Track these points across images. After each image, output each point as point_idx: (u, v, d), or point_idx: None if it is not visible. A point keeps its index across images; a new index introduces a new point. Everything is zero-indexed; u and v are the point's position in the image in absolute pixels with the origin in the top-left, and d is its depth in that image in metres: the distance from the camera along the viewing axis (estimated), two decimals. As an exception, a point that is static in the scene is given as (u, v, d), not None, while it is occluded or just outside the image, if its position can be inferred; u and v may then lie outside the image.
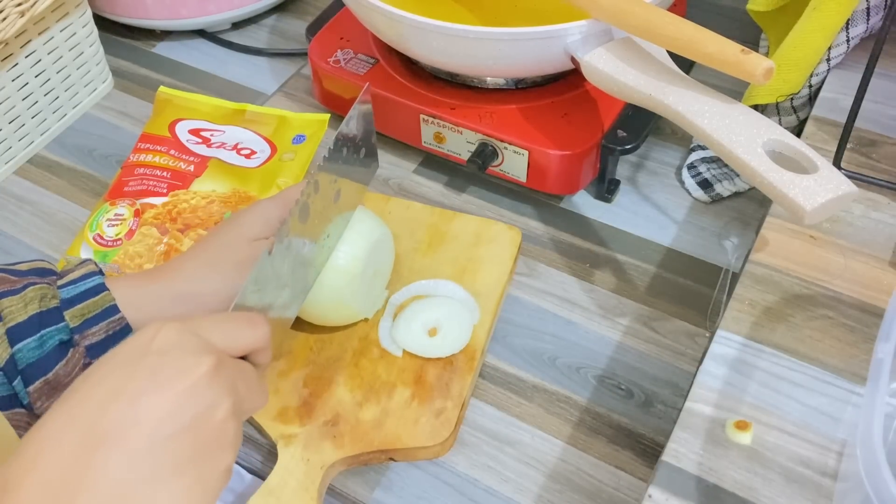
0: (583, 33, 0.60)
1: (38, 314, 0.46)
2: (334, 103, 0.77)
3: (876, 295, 0.52)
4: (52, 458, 0.34)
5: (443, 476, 0.56)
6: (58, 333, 0.46)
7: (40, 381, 0.45)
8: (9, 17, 0.68)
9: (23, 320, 0.45)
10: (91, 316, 0.47)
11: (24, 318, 0.45)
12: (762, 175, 0.49)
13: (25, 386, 0.45)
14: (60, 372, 0.46)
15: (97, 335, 0.47)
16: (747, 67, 0.50)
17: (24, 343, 0.45)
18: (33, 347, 0.45)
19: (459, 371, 0.56)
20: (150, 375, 0.36)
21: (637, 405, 0.59)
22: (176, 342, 0.38)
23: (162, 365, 0.37)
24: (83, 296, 0.48)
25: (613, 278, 0.66)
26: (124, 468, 0.34)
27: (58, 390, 0.45)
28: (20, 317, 0.45)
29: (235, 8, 0.88)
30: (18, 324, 0.45)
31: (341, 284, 0.55)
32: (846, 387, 0.48)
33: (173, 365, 0.37)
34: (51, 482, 0.33)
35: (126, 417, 0.35)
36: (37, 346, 0.45)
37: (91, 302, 0.48)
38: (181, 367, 0.37)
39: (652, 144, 0.76)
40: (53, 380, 0.45)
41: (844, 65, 0.66)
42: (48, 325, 0.46)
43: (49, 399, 0.45)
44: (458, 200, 0.73)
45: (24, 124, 0.78)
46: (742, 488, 0.45)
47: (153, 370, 0.36)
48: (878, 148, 0.61)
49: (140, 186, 0.70)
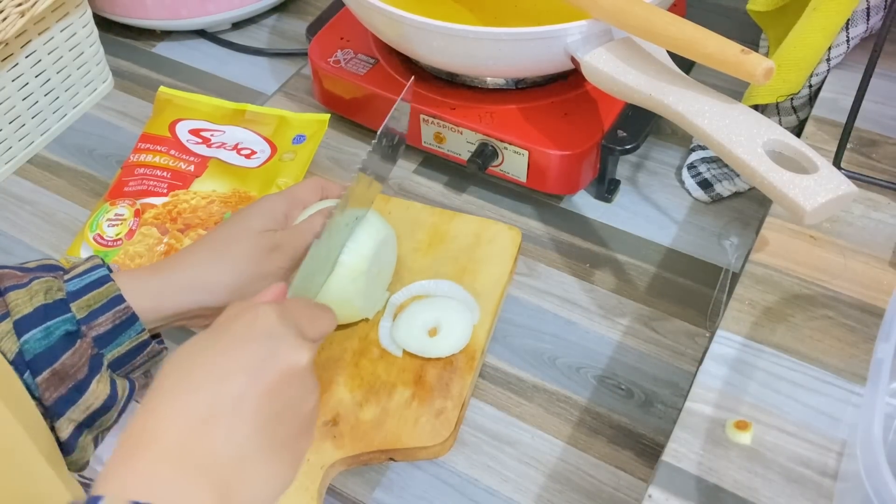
0: (583, 33, 0.60)
1: (43, 306, 0.46)
2: (334, 103, 0.77)
3: (876, 295, 0.52)
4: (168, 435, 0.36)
5: (443, 476, 0.56)
6: (64, 324, 0.46)
7: (48, 371, 0.45)
8: (9, 17, 0.68)
9: (29, 312, 0.46)
10: (97, 307, 0.48)
11: (30, 310, 0.46)
12: (762, 175, 0.49)
13: (34, 377, 0.45)
14: (67, 362, 0.46)
15: (104, 325, 0.48)
16: (747, 67, 0.50)
17: (31, 334, 0.45)
18: (39, 338, 0.45)
19: (459, 371, 0.56)
20: (262, 359, 0.39)
21: (637, 405, 0.59)
22: (278, 328, 0.40)
23: (270, 350, 0.39)
24: (88, 287, 0.48)
25: (613, 278, 0.66)
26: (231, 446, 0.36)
27: (65, 381, 0.45)
28: (26, 309, 0.46)
29: (235, 8, 0.88)
30: (24, 316, 0.46)
31: (346, 282, 0.55)
32: (846, 387, 0.48)
33: (280, 352, 0.39)
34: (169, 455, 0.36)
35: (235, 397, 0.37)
36: (43, 336, 0.46)
37: (96, 293, 0.48)
38: (288, 355, 0.40)
39: (652, 144, 0.76)
40: (60, 370, 0.45)
41: (844, 65, 0.66)
42: (54, 316, 0.46)
43: (57, 390, 0.45)
44: (458, 200, 0.73)
45: (24, 124, 0.78)
46: (742, 488, 0.45)
47: (262, 355, 0.39)
48: (878, 148, 0.61)
49: (140, 186, 0.70)
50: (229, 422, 0.37)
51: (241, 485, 0.37)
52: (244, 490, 0.37)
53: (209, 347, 0.40)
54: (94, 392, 0.47)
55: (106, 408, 0.48)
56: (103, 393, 0.47)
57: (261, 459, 0.38)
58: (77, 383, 0.46)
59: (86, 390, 0.46)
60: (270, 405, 0.38)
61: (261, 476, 0.37)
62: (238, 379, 0.38)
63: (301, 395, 0.40)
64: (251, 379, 0.38)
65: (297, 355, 0.40)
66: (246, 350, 0.39)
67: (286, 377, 0.39)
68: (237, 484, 0.37)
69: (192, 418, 0.37)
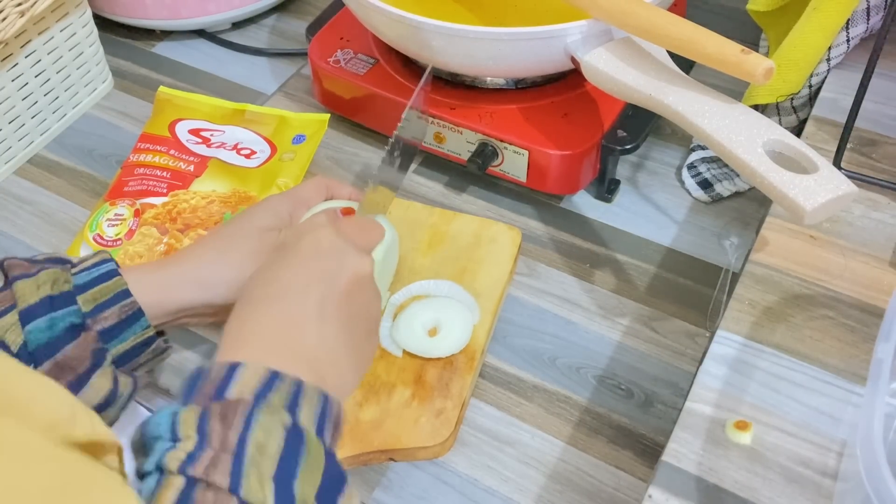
0: (583, 33, 0.60)
1: (49, 297, 0.46)
2: (334, 103, 0.77)
3: (876, 295, 0.52)
4: (265, 334, 0.43)
5: (443, 476, 0.56)
6: (69, 316, 0.46)
7: (49, 361, 0.45)
8: (9, 17, 0.68)
9: (34, 302, 0.46)
10: (103, 300, 0.48)
11: (36, 301, 0.46)
12: (762, 175, 0.49)
13: (36, 367, 0.45)
14: (70, 354, 0.46)
15: (109, 319, 0.48)
16: (747, 67, 0.50)
17: (35, 324, 0.45)
18: (43, 328, 0.45)
19: (459, 371, 0.56)
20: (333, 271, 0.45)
21: (637, 405, 0.59)
22: (340, 244, 0.47)
23: (339, 262, 0.46)
24: (95, 281, 0.48)
25: (613, 278, 0.66)
26: (321, 341, 0.43)
27: (66, 373, 0.46)
28: (32, 299, 0.46)
29: (235, 8, 0.88)
30: (30, 306, 0.46)
31: None
32: (846, 387, 0.48)
33: (346, 263, 0.46)
34: (269, 347, 0.42)
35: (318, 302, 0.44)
36: (47, 327, 0.46)
37: (103, 287, 0.48)
38: (353, 264, 0.46)
39: (652, 144, 0.76)
40: (63, 361, 0.46)
41: (844, 65, 0.66)
42: (59, 307, 0.46)
43: (57, 382, 0.45)
44: (458, 200, 0.73)
45: (24, 124, 0.78)
46: (742, 488, 0.45)
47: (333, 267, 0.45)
48: (878, 148, 0.61)
49: (140, 186, 0.70)
50: (317, 323, 0.43)
51: (330, 372, 0.43)
52: (333, 376, 0.43)
53: (286, 265, 0.46)
54: (94, 386, 0.46)
55: (107, 403, 0.47)
56: (104, 387, 0.47)
57: (344, 353, 0.44)
58: (78, 376, 0.46)
59: (86, 384, 0.46)
60: (348, 307, 0.45)
61: (344, 366, 0.44)
62: (318, 288, 0.44)
63: (369, 297, 0.47)
64: (328, 287, 0.44)
65: (360, 264, 0.46)
66: (319, 263, 0.45)
67: (355, 283, 0.45)
68: (327, 371, 0.42)
69: (284, 321, 0.43)
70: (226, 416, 0.37)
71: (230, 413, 0.37)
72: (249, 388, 0.38)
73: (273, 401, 0.38)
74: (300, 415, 0.38)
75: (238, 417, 0.37)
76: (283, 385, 0.39)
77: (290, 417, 0.38)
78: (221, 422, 0.36)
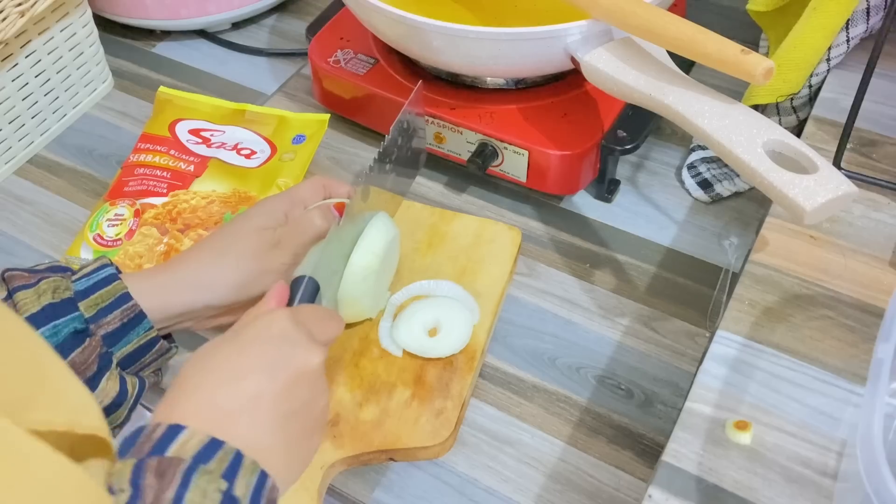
0: (583, 33, 0.60)
1: (50, 305, 0.46)
2: (334, 103, 0.77)
3: (876, 295, 0.52)
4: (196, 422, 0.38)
5: (443, 476, 0.56)
6: (72, 322, 0.47)
7: None
8: (9, 17, 0.68)
9: (36, 311, 0.46)
10: (105, 305, 0.48)
11: (38, 309, 0.46)
12: (762, 175, 0.49)
13: None
14: (76, 360, 0.46)
15: (112, 324, 0.48)
16: (747, 67, 0.50)
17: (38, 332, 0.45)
18: (47, 336, 0.46)
19: (459, 371, 0.56)
20: (277, 361, 0.41)
21: (637, 405, 0.59)
22: (292, 332, 0.43)
23: (285, 353, 0.42)
24: (96, 286, 0.49)
25: (613, 278, 0.66)
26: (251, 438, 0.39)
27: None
28: (33, 308, 0.46)
29: (235, 8, 0.88)
30: (32, 315, 0.46)
31: (358, 280, 0.55)
32: (846, 387, 0.48)
33: (294, 354, 0.42)
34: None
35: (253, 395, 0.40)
36: (51, 335, 0.46)
37: (104, 291, 0.48)
38: (301, 357, 0.42)
39: (652, 144, 0.76)
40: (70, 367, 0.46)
41: (844, 65, 0.66)
42: (61, 315, 0.47)
43: None
44: (458, 200, 0.73)
45: (24, 124, 0.78)
46: (742, 488, 0.45)
47: (277, 357, 0.41)
48: (878, 148, 0.61)
49: (140, 186, 0.70)
50: (249, 416, 0.39)
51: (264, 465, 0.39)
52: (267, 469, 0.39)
53: (227, 349, 0.42)
54: (103, 389, 0.47)
55: (116, 405, 0.48)
56: (112, 390, 0.47)
57: (277, 453, 0.40)
58: (86, 381, 0.46)
59: (95, 388, 0.47)
60: (286, 403, 0.40)
61: (275, 468, 0.39)
62: (256, 378, 0.40)
63: (313, 395, 0.42)
64: (268, 378, 0.40)
65: (309, 357, 0.42)
66: (263, 352, 0.41)
67: (299, 378, 0.41)
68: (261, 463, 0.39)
69: (214, 412, 0.39)
70: (164, 472, 0.35)
71: (168, 470, 0.35)
72: (189, 450, 0.36)
73: (211, 466, 0.36)
74: (236, 484, 0.36)
75: (176, 476, 0.35)
76: (222, 453, 0.37)
77: (227, 484, 0.36)
78: (158, 478, 0.35)
